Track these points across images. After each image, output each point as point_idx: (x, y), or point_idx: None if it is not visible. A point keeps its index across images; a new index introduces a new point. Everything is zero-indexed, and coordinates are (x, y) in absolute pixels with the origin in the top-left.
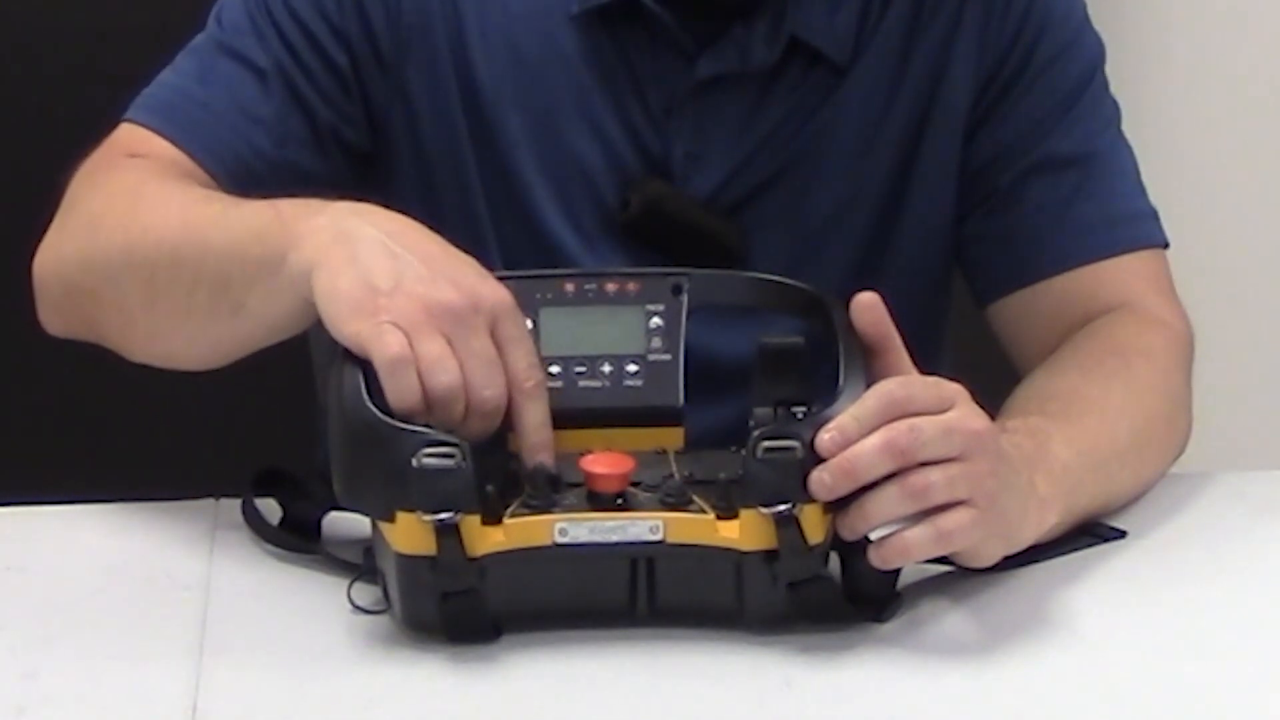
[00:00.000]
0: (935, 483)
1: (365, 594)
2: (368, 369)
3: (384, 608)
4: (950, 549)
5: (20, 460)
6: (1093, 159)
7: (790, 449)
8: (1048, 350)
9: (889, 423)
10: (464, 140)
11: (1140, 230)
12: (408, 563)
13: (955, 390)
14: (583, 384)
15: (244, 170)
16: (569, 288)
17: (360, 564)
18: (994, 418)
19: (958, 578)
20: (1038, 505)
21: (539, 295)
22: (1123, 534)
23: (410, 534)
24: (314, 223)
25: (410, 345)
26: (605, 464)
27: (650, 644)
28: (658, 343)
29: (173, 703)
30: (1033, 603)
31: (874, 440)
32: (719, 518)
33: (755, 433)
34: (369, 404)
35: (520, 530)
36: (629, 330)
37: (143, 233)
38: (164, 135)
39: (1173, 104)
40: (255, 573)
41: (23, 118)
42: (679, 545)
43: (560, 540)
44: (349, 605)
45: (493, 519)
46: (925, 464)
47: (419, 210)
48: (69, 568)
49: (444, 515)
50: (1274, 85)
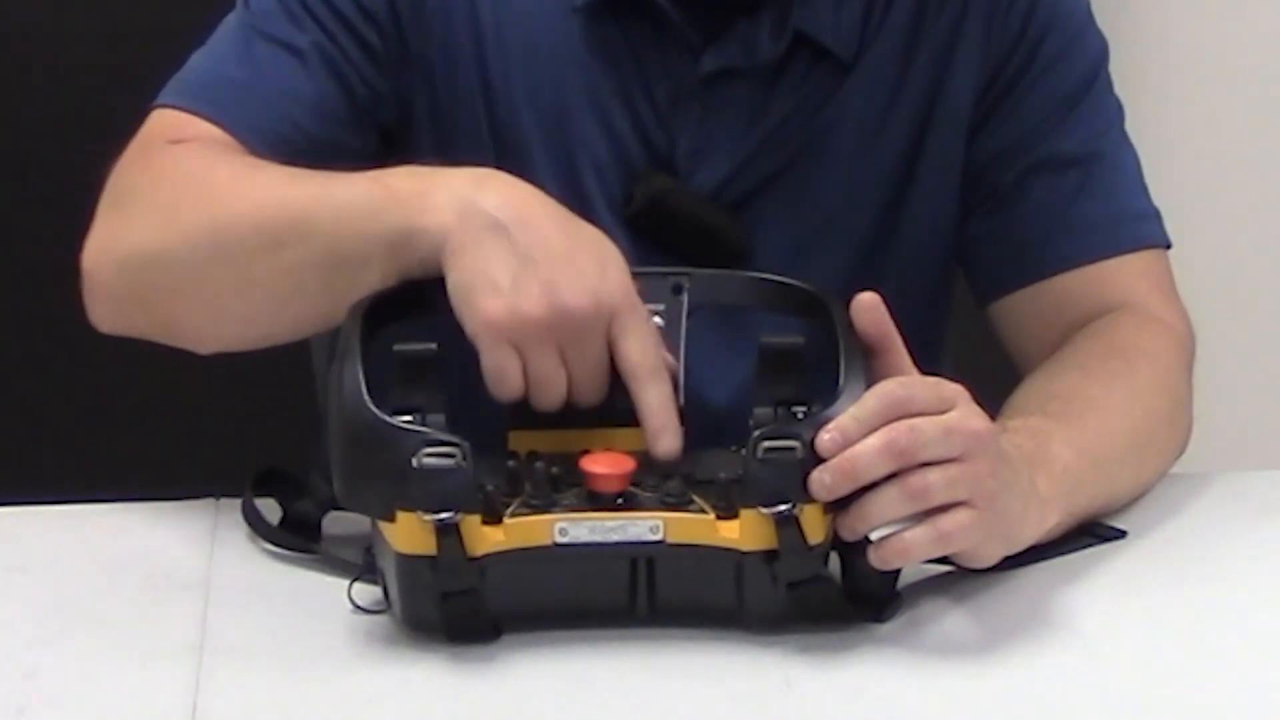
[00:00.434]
0: (935, 483)
1: (365, 594)
2: (368, 369)
3: (384, 608)
4: (950, 549)
5: (20, 460)
6: (1095, 158)
7: (790, 449)
8: (1049, 350)
9: (889, 423)
10: (482, 129)
11: (1142, 230)
12: (408, 563)
13: (955, 390)
14: None
15: (287, 148)
16: None
17: (360, 564)
18: (994, 418)
19: (958, 578)
20: (1038, 505)
21: None
22: (1123, 534)
23: (410, 534)
24: (432, 201)
25: (523, 356)
26: (605, 464)
27: (650, 644)
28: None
29: (173, 703)
30: (1033, 603)
31: (874, 441)
32: (719, 518)
33: (755, 433)
34: (369, 404)
35: (520, 530)
36: None
37: (233, 219)
38: (206, 116)
39: (1175, 104)
40: (255, 573)
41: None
42: (679, 545)
43: (560, 540)
44: (349, 605)
45: (493, 519)
46: (925, 464)
47: None
48: (69, 568)
49: (444, 515)
50: (1275, 85)
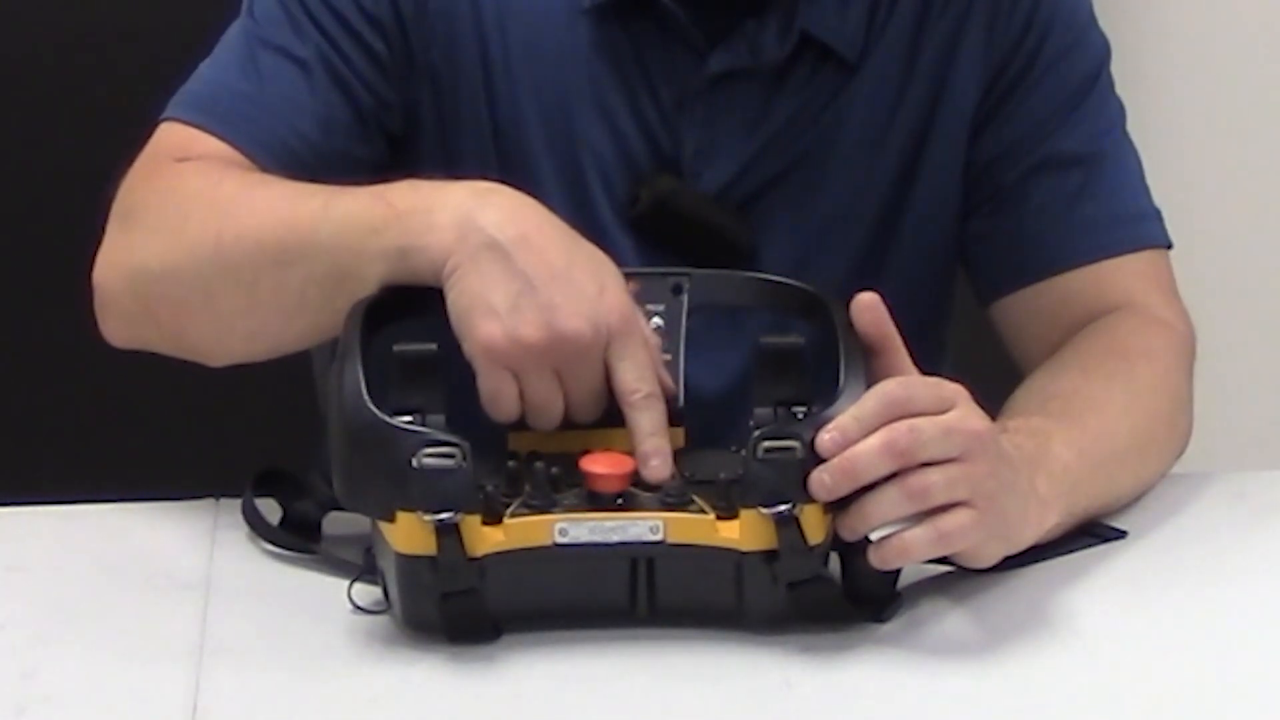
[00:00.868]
0: (935, 483)
1: (365, 594)
2: (368, 369)
3: (384, 608)
4: (950, 550)
5: (20, 460)
6: (1097, 158)
7: (790, 449)
8: (1050, 349)
9: (889, 423)
10: (486, 131)
11: (1144, 230)
12: (408, 563)
13: (956, 391)
14: None
15: (294, 161)
16: None
17: (360, 564)
18: (994, 418)
19: (958, 578)
20: (1038, 506)
21: None
22: (1123, 534)
23: (410, 534)
24: (432, 220)
25: (519, 379)
26: (605, 464)
27: (650, 644)
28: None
29: (173, 703)
30: (1033, 603)
31: (874, 441)
32: (719, 518)
33: (755, 433)
34: (369, 404)
35: (520, 530)
36: None
37: (237, 237)
38: (212, 132)
39: (1175, 104)
40: (255, 573)
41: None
42: (679, 545)
43: (560, 540)
44: (349, 605)
45: (493, 519)
46: (925, 465)
47: None
48: (69, 568)
49: (444, 515)
50: (1276, 85)
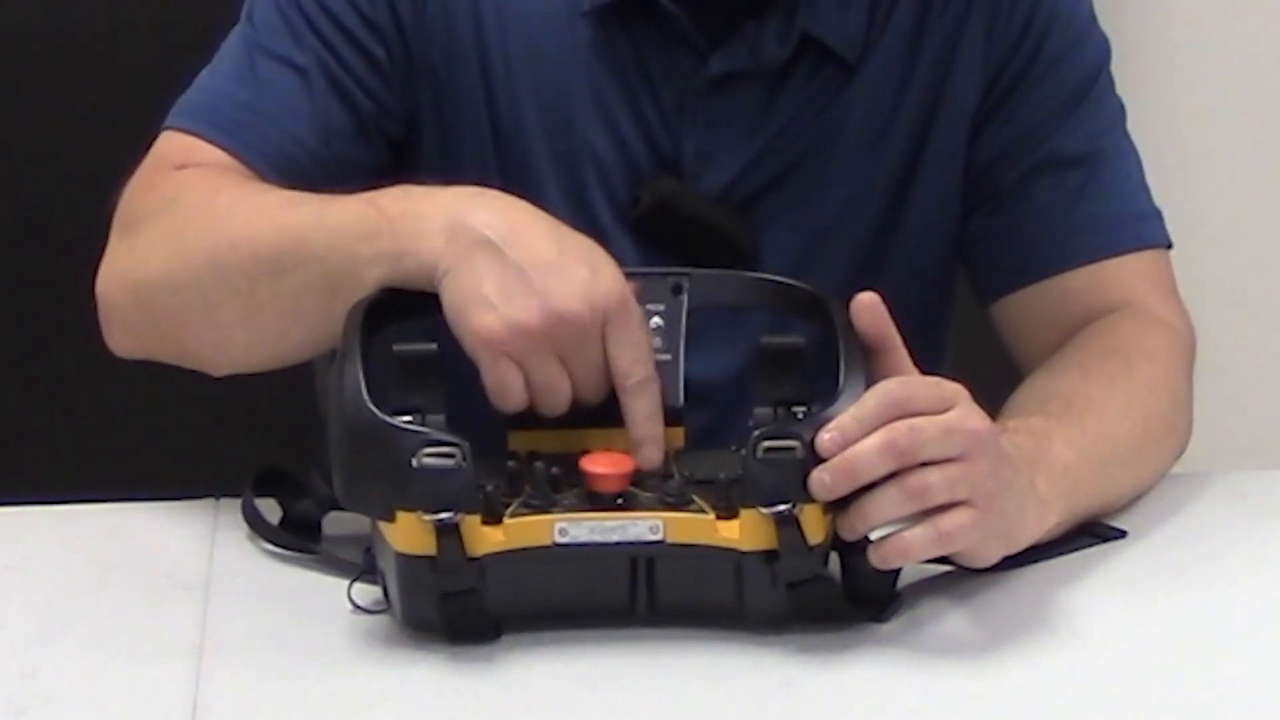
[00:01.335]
0: (935, 483)
1: (365, 594)
2: (368, 369)
3: (384, 608)
4: (950, 549)
5: (20, 460)
6: (1097, 158)
7: (790, 449)
8: (1050, 349)
9: (889, 423)
10: (485, 134)
11: (1144, 230)
12: (408, 563)
13: (955, 390)
14: None
15: (293, 168)
16: None
17: (360, 564)
18: (994, 418)
19: (958, 578)
20: (1038, 505)
21: None
22: (1123, 534)
23: (410, 534)
24: (423, 225)
25: (522, 367)
26: (605, 464)
27: (650, 644)
28: (658, 342)
29: (173, 703)
30: (1033, 603)
31: (874, 440)
32: (719, 518)
33: (755, 433)
34: (369, 404)
35: (520, 530)
36: None
37: (232, 246)
38: (211, 140)
39: (1175, 104)
40: (255, 573)
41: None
42: (679, 545)
43: (560, 540)
44: (349, 605)
45: (493, 519)
46: (925, 464)
47: None
48: (69, 568)
49: (444, 515)
50: (1276, 85)
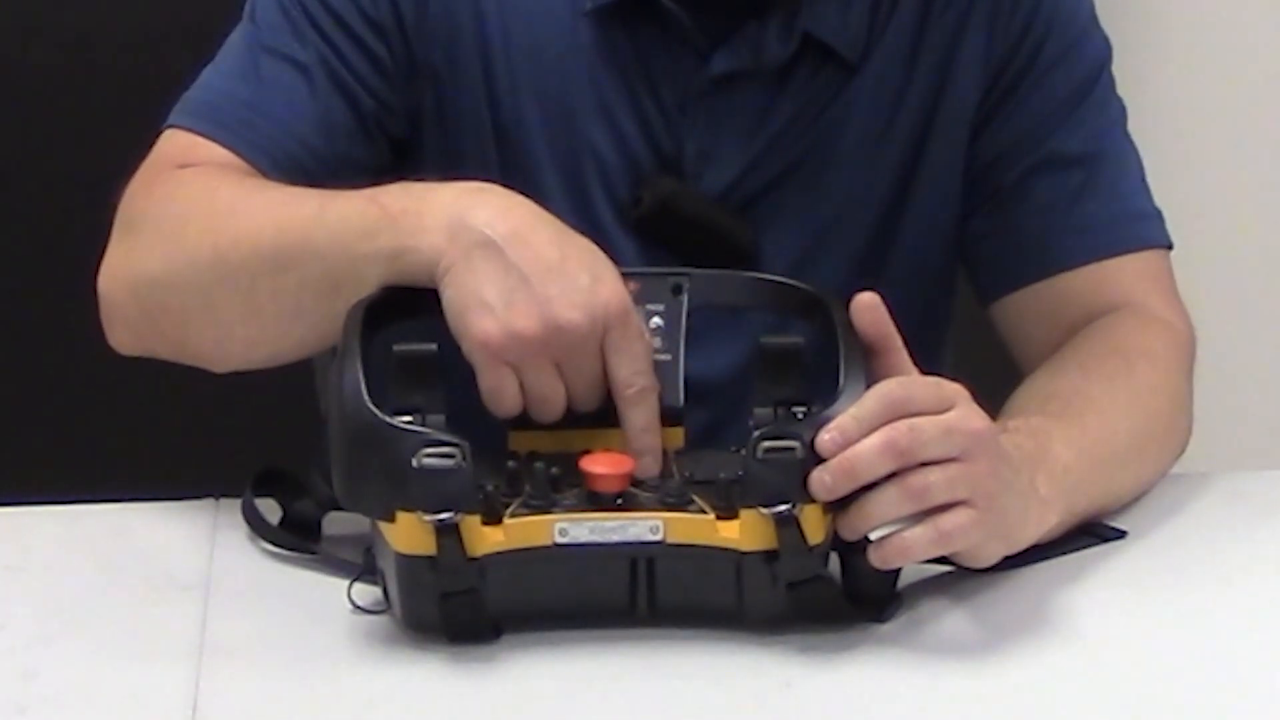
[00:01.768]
0: (935, 483)
1: (365, 594)
2: (368, 369)
3: (384, 608)
4: (950, 549)
5: (20, 460)
6: (1098, 158)
7: (790, 449)
8: (1050, 349)
9: (889, 423)
10: (487, 134)
11: (1144, 230)
12: (408, 563)
13: (956, 390)
14: None
15: (295, 167)
16: None
17: (360, 564)
18: (994, 418)
19: (958, 578)
20: (1038, 505)
21: None
22: (1123, 534)
23: (410, 534)
24: (424, 222)
25: (519, 373)
26: (605, 464)
27: (650, 644)
28: (657, 343)
29: (173, 703)
30: (1033, 603)
31: (874, 440)
32: (719, 518)
33: (755, 433)
34: (369, 404)
35: (520, 530)
36: None
37: (233, 243)
38: (213, 138)
39: (1176, 104)
40: (255, 573)
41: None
42: (679, 545)
43: (560, 540)
44: (349, 605)
45: (493, 519)
46: (925, 464)
47: None
48: (69, 568)
49: (444, 515)
50: (1276, 85)
